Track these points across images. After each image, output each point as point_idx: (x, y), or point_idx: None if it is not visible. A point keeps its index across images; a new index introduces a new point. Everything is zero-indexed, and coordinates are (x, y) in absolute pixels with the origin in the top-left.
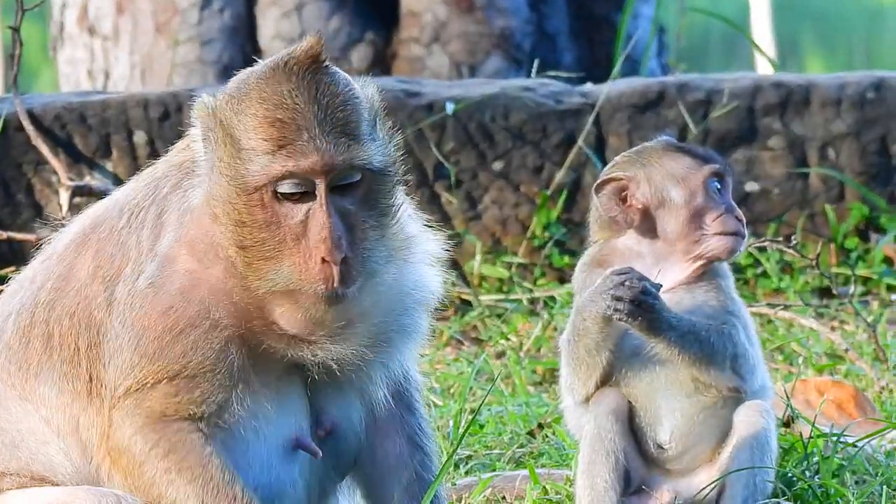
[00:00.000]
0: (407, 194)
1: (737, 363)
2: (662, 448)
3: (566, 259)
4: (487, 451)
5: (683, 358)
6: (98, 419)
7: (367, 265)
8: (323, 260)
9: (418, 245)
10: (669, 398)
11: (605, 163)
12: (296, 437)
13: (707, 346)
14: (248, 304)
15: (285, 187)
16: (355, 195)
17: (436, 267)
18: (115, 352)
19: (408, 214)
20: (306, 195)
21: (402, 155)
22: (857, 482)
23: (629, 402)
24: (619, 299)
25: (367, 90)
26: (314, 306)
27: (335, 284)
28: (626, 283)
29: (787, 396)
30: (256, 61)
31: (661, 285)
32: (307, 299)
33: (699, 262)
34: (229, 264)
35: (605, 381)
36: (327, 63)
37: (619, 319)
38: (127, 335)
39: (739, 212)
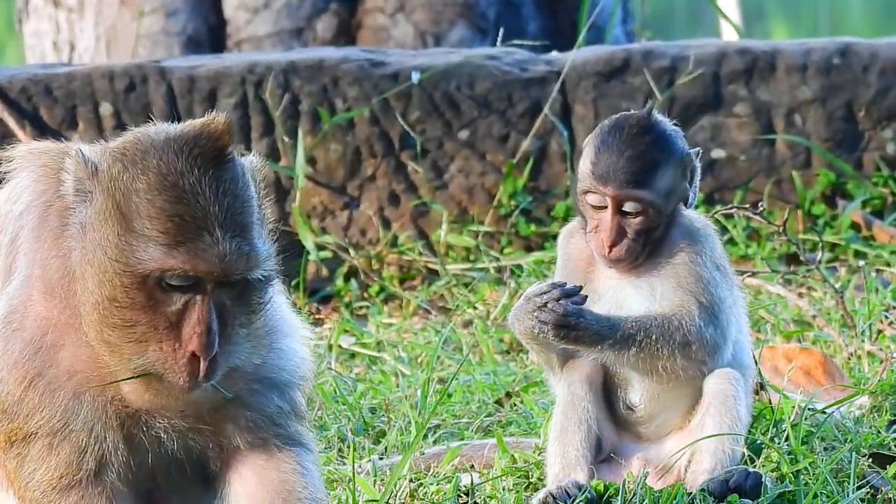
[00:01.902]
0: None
1: (687, 350)
2: (633, 409)
3: (532, 227)
4: (455, 420)
5: (621, 362)
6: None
7: (230, 361)
8: (193, 354)
9: (279, 334)
10: None
11: (571, 131)
12: (148, 489)
13: (647, 345)
14: (103, 364)
15: (175, 280)
16: (233, 291)
17: (291, 341)
18: None
19: (277, 299)
20: (191, 286)
21: (276, 239)
22: (825, 449)
23: (603, 366)
24: (543, 322)
25: (256, 173)
26: (167, 393)
27: (201, 380)
28: (548, 305)
29: (756, 363)
30: (221, 33)
31: (586, 297)
32: (162, 385)
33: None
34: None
35: (572, 356)
36: (231, 154)
37: (547, 339)
38: None
39: (608, 234)
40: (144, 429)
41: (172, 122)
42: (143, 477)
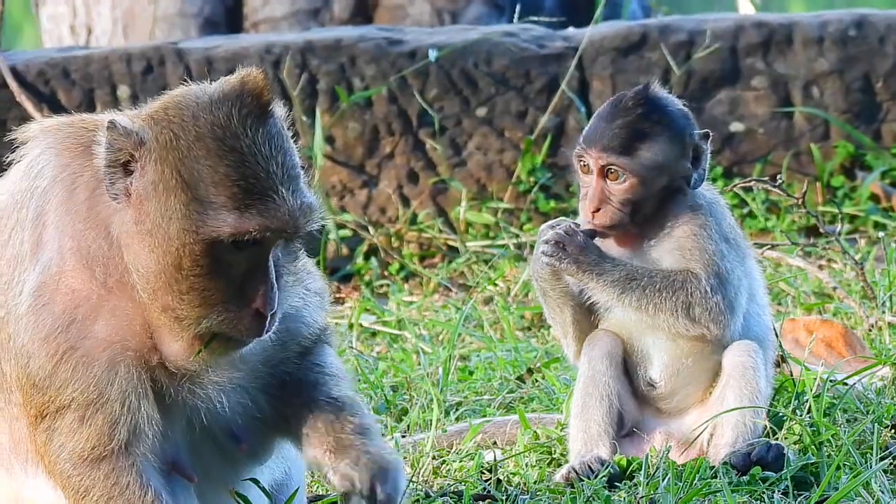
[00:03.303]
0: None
1: (692, 312)
2: (653, 385)
3: (552, 203)
4: (477, 397)
5: (624, 303)
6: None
7: (283, 308)
8: (258, 311)
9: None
10: (656, 339)
11: (588, 107)
12: (172, 461)
13: (651, 293)
14: (142, 332)
15: (248, 242)
16: (285, 248)
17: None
18: (18, 375)
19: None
20: (257, 245)
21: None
22: (847, 420)
23: (623, 342)
24: (546, 242)
25: (284, 121)
26: (224, 350)
27: (263, 333)
28: (554, 227)
29: (777, 336)
30: (238, 15)
31: (593, 231)
32: (222, 343)
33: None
34: (133, 294)
35: (590, 330)
36: (274, 108)
37: (549, 264)
38: (19, 359)
39: (591, 199)
40: (182, 392)
41: None
42: (169, 449)
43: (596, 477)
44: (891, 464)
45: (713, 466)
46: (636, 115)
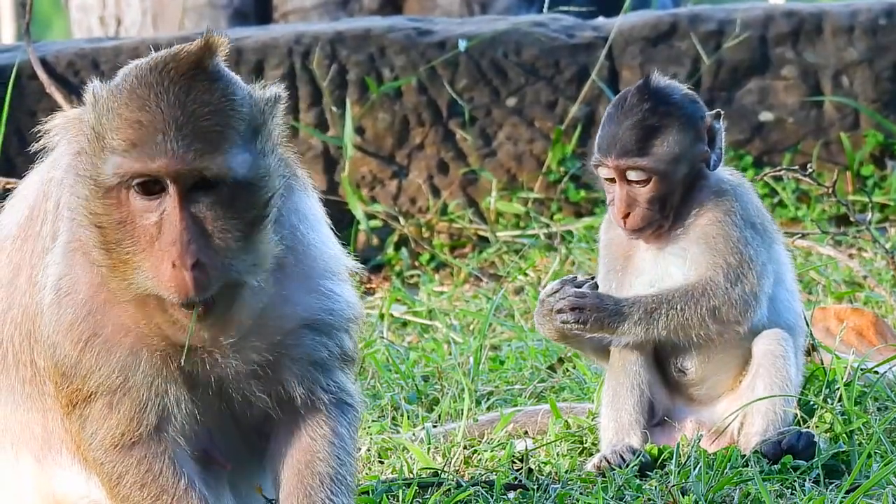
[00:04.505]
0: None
1: (718, 314)
2: (684, 372)
3: (582, 193)
4: (509, 387)
5: (651, 336)
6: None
7: (228, 273)
8: (174, 265)
9: (315, 259)
10: None
11: None
12: (205, 449)
13: (674, 315)
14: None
15: (137, 184)
16: (217, 200)
17: (337, 281)
18: (48, 366)
19: (309, 223)
20: (162, 194)
21: (283, 165)
22: (878, 409)
23: None
24: (560, 311)
25: (259, 98)
26: (177, 314)
27: (190, 292)
28: (566, 299)
29: (808, 324)
30: (267, 5)
31: (597, 285)
32: (170, 307)
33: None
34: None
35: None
36: (211, 69)
37: (575, 330)
38: (47, 350)
39: (619, 205)
40: (206, 376)
41: None
42: (202, 436)
43: (627, 466)
44: None
45: (744, 455)
46: (643, 112)
